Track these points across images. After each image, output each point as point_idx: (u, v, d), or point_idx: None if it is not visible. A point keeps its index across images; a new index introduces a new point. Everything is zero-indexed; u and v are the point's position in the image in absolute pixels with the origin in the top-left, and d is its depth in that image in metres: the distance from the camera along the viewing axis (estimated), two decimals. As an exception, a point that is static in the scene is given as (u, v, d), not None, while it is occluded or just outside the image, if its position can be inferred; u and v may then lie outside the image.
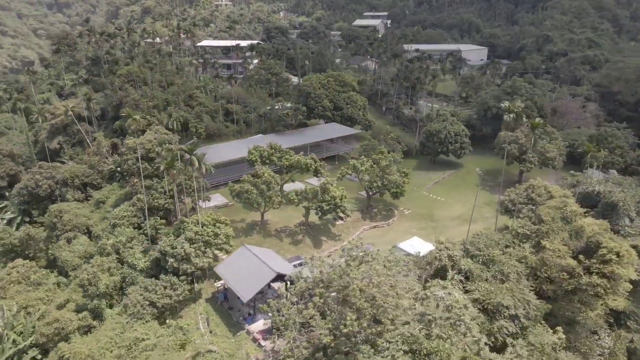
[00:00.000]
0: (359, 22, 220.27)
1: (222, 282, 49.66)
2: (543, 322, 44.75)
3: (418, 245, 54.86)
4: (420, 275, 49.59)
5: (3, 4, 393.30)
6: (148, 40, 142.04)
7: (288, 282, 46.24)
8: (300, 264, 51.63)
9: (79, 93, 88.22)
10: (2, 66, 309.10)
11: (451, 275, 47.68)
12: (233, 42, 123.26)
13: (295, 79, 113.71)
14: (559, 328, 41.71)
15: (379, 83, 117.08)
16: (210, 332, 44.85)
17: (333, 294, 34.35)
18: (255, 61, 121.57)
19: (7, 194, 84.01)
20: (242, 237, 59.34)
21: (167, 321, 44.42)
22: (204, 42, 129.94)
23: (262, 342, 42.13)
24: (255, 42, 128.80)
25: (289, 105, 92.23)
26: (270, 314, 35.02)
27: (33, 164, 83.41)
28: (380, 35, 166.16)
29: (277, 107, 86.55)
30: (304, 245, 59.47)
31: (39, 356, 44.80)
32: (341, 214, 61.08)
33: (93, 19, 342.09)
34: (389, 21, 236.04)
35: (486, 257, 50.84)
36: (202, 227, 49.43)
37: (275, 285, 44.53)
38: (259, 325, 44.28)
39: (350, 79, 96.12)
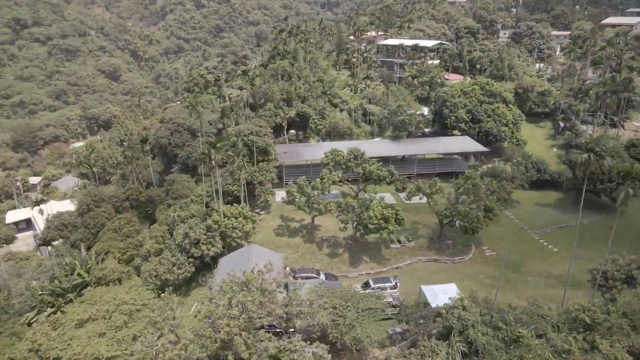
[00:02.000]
0: (610, 20, 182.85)
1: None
2: None
3: (441, 295, 45.55)
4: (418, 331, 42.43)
5: (286, 3, 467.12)
6: (351, 37, 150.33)
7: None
8: (308, 277, 49.75)
9: (256, 81, 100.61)
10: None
11: (452, 341, 40.14)
12: (402, 41, 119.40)
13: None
14: None
15: (568, 95, 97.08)
16: (195, 317, 47.88)
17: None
18: (431, 61, 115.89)
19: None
20: (286, 236, 59.92)
21: (162, 294, 49.27)
22: (387, 41, 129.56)
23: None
24: (434, 42, 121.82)
25: (424, 111, 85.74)
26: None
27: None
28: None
29: (398, 112, 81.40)
30: (338, 261, 56.25)
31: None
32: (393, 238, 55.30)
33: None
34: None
35: (509, 335, 39.97)
36: (223, 218, 52.36)
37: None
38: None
39: (500, 89, 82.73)
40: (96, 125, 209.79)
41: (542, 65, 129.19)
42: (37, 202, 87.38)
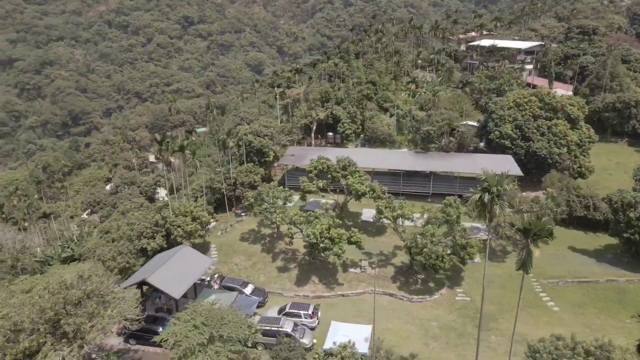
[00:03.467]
0: None
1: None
2: None
3: (342, 336, 38.97)
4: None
5: (436, 0, 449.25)
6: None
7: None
8: (232, 288, 47.43)
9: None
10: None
11: (313, 393, 36.07)
12: (480, 42, 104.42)
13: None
14: None
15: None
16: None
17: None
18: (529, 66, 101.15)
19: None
20: (248, 242, 57.71)
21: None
22: (481, 41, 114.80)
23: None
24: (531, 44, 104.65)
25: (470, 123, 74.81)
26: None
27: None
28: None
29: (428, 121, 71.71)
30: (286, 276, 52.33)
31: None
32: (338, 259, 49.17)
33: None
34: None
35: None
36: (173, 216, 52.59)
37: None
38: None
39: (565, 102, 67.55)
40: (219, 114, 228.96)
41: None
42: (108, 180, 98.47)
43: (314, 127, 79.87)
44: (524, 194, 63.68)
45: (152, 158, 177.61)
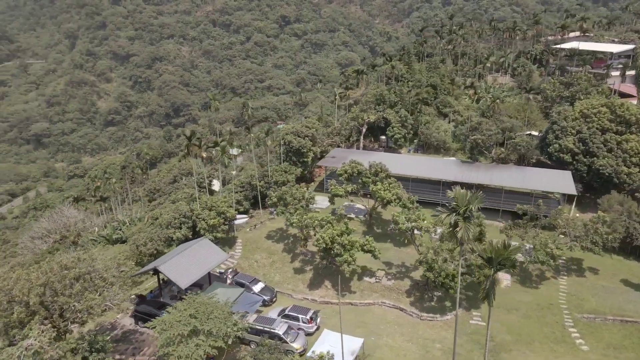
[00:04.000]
0: None
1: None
2: None
3: (327, 345, 37.91)
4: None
5: None
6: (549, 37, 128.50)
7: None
8: (241, 284, 48.34)
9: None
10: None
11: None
12: (563, 45, 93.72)
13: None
14: None
15: None
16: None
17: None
18: (615, 72, 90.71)
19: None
20: (273, 240, 58.21)
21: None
22: (568, 44, 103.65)
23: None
24: (624, 47, 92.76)
25: (534, 133, 68.76)
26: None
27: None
28: None
29: (478, 129, 66.62)
30: (299, 278, 52.12)
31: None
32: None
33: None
34: None
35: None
36: (200, 208, 54.80)
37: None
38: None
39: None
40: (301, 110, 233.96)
41: None
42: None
43: (364, 130, 78.41)
44: (578, 215, 57.27)
45: (233, 151, 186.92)
